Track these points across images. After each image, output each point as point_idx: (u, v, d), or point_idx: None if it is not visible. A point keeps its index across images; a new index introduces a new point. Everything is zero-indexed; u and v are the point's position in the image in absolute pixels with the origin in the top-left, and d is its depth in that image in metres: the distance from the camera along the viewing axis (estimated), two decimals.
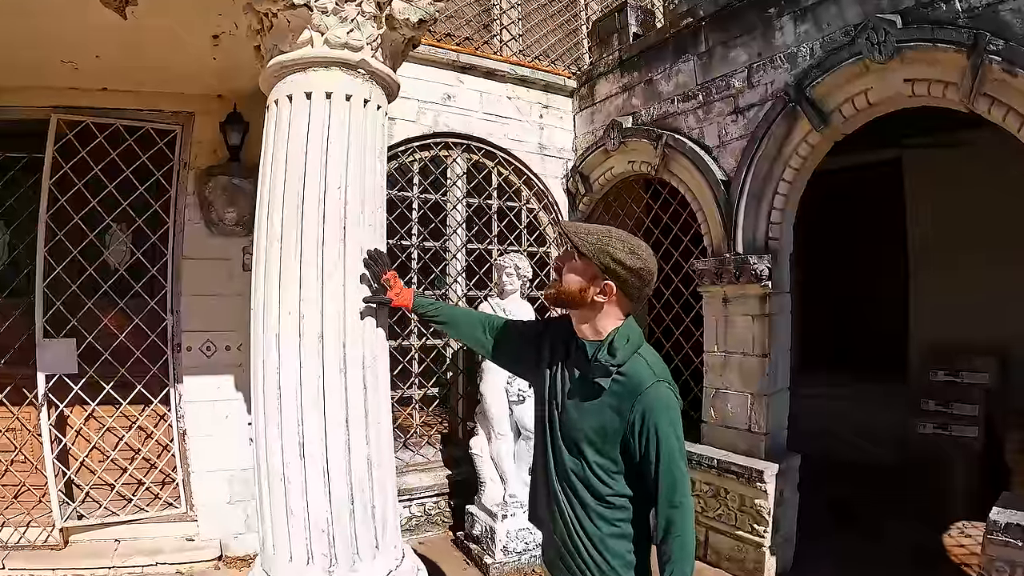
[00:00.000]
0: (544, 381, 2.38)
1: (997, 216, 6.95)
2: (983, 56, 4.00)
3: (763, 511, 5.15)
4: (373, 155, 3.21)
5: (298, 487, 2.88)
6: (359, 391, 3.00)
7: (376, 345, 3.10)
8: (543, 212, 7.39)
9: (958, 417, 6.87)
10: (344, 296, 2.97)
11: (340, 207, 3.00)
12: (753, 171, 5.40)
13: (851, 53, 4.71)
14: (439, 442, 6.74)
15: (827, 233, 8.29)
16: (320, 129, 3.06)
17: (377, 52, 3.30)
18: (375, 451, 3.08)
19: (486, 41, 7.62)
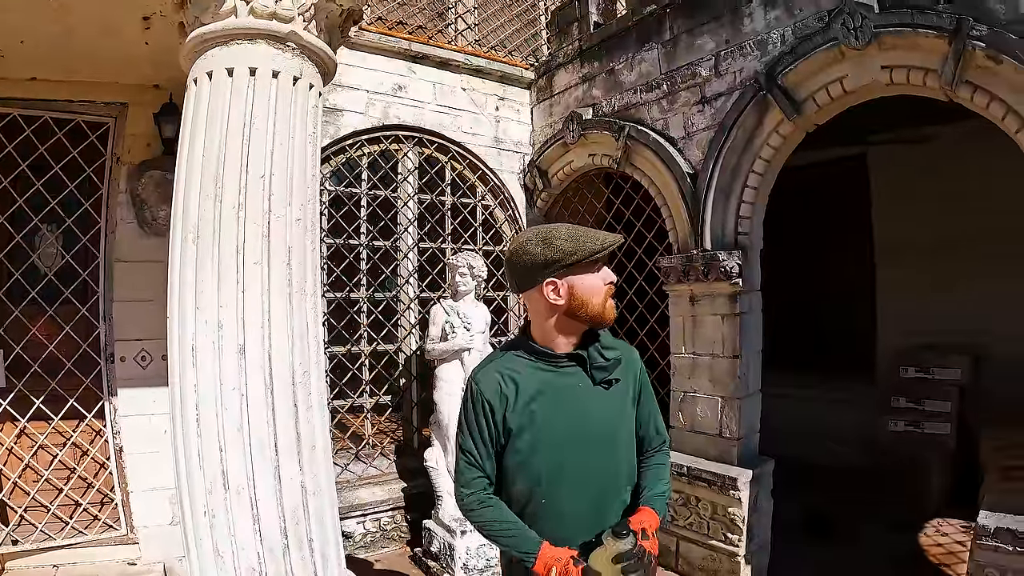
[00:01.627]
0: (549, 423, 2.15)
1: (963, 212, 6.85)
2: (966, 42, 3.80)
3: (737, 519, 4.94)
4: (304, 140, 2.87)
5: (224, 523, 2.56)
6: (288, 411, 2.67)
7: (308, 358, 2.75)
8: (499, 208, 7.08)
9: (930, 414, 6.78)
10: (268, 302, 2.63)
11: (263, 200, 2.66)
12: (721, 163, 5.16)
13: (826, 39, 4.49)
14: (393, 453, 6.40)
15: (793, 230, 8.13)
16: (242, 110, 2.73)
17: (310, 25, 2.96)
18: (310, 478, 2.75)
19: (440, 30, 7.28)
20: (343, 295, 5.88)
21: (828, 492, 6.72)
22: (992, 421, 6.12)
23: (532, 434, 2.13)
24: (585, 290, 2.11)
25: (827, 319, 8.45)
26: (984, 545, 3.70)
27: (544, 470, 2.13)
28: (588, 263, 2.11)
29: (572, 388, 2.17)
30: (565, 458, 2.13)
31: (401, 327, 6.33)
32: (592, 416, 2.16)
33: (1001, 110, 3.86)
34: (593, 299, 2.13)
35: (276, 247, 2.67)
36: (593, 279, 2.13)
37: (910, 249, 7.36)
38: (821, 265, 8.44)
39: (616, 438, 2.22)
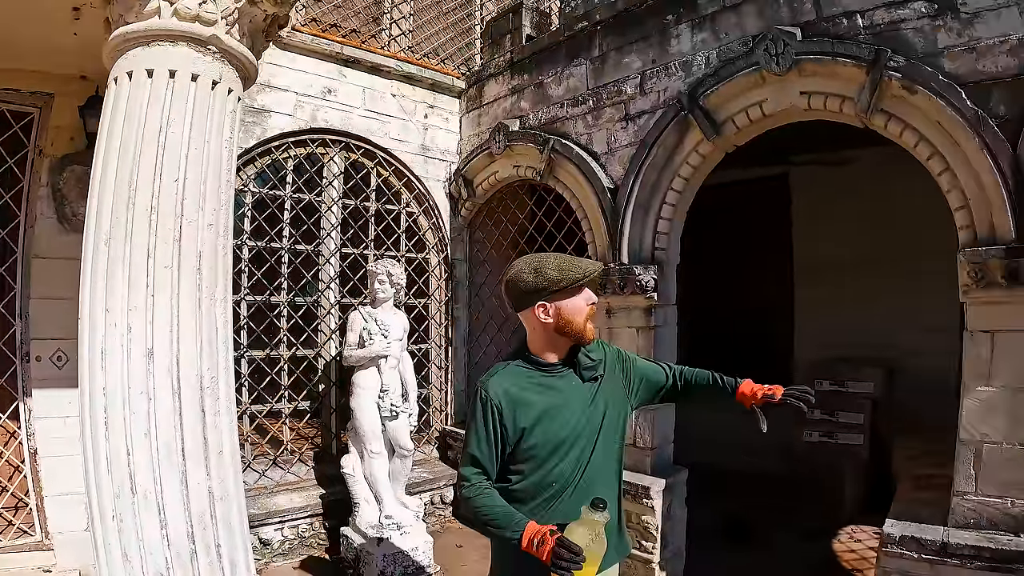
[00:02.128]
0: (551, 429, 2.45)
1: (879, 232, 7.15)
2: (883, 72, 3.99)
3: (651, 527, 5.03)
4: (219, 145, 2.85)
5: (132, 527, 2.51)
6: (196, 416, 2.64)
7: (216, 363, 2.73)
8: (423, 216, 7.08)
9: (844, 425, 6.99)
10: (178, 307, 2.60)
11: (176, 204, 2.63)
12: (641, 179, 5.26)
13: (748, 63, 4.64)
14: (312, 459, 6.30)
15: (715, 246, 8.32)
16: (159, 112, 2.70)
17: (233, 29, 2.94)
18: (217, 483, 2.72)
19: (374, 35, 7.24)
20: (263, 299, 5.80)
21: (745, 500, 6.87)
22: (904, 432, 6.37)
23: (539, 433, 2.42)
24: (569, 311, 2.44)
25: (747, 333, 8.63)
26: (890, 552, 3.83)
27: (552, 463, 2.43)
28: (573, 288, 2.43)
29: (568, 390, 2.50)
30: (570, 450, 2.44)
31: (321, 332, 6.27)
32: (588, 412, 2.48)
33: (914, 138, 4.04)
34: (576, 318, 2.45)
35: (187, 252, 2.64)
36: (577, 301, 2.45)
37: (827, 266, 7.62)
38: (742, 280, 8.64)
39: (613, 423, 2.54)
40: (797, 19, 4.50)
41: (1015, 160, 3.57)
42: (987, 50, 3.71)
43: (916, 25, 3.96)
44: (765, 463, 7.39)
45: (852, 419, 6.97)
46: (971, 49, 3.76)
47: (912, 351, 6.78)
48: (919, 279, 6.61)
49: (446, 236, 7.10)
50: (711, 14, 5.01)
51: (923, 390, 6.44)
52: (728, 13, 4.91)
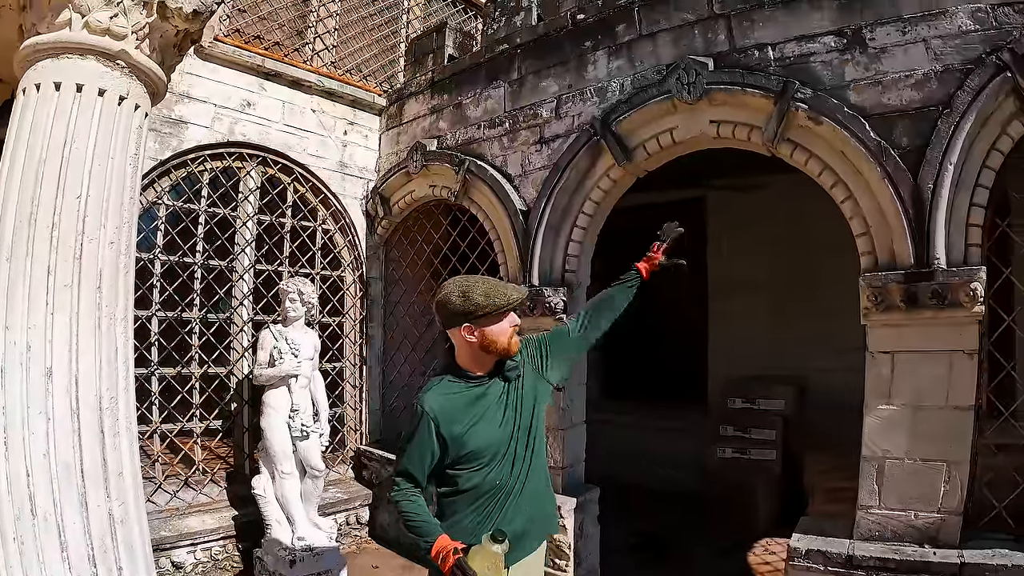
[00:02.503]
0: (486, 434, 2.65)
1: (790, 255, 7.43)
2: (790, 103, 4.16)
3: (563, 545, 5.06)
4: (123, 161, 2.82)
5: (32, 550, 2.46)
6: (95, 437, 2.60)
7: (116, 383, 2.69)
8: (339, 234, 7.02)
9: (756, 442, 7.17)
10: (78, 325, 2.56)
11: (78, 221, 2.60)
12: (553, 202, 5.35)
13: (661, 91, 4.77)
14: (225, 480, 6.13)
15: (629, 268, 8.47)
16: (64, 127, 2.67)
17: (143, 44, 2.92)
18: (118, 506, 2.68)
19: (297, 48, 7.14)
20: (175, 315, 5.66)
21: (659, 516, 6.99)
22: (815, 447, 6.57)
23: (473, 441, 2.60)
24: (493, 333, 2.63)
25: (663, 353, 8.82)
26: (798, 566, 3.93)
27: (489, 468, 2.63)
28: (499, 313, 2.62)
29: (497, 396, 2.70)
30: (506, 453, 2.65)
31: (234, 350, 6.13)
32: (521, 409, 2.72)
33: (818, 167, 4.22)
34: (500, 339, 2.65)
35: (88, 270, 2.61)
36: (501, 324, 2.65)
37: (741, 288, 7.87)
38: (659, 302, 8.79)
39: (540, 417, 2.80)
40: (711, 50, 4.66)
41: (916, 189, 3.77)
42: (892, 84, 3.91)
43: (825, 59, 4.14)
44: (679, 479, 7.56)
45: (764, 435, 7.14)
46: (877, 82, 3.96)
47: (822, 370, 7.00)
48: (828, 300, 6.79)
49: (362, 254, 7.05)
50: (628, 42, 5.13)
51: (832, 407, 6.59)
52: (645, 41, 5.04)
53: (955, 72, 3.75)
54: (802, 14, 4.27)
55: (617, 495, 5.56)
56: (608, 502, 5.52)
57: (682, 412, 8.14)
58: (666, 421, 8.06)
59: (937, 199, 3.72)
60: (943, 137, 3.71)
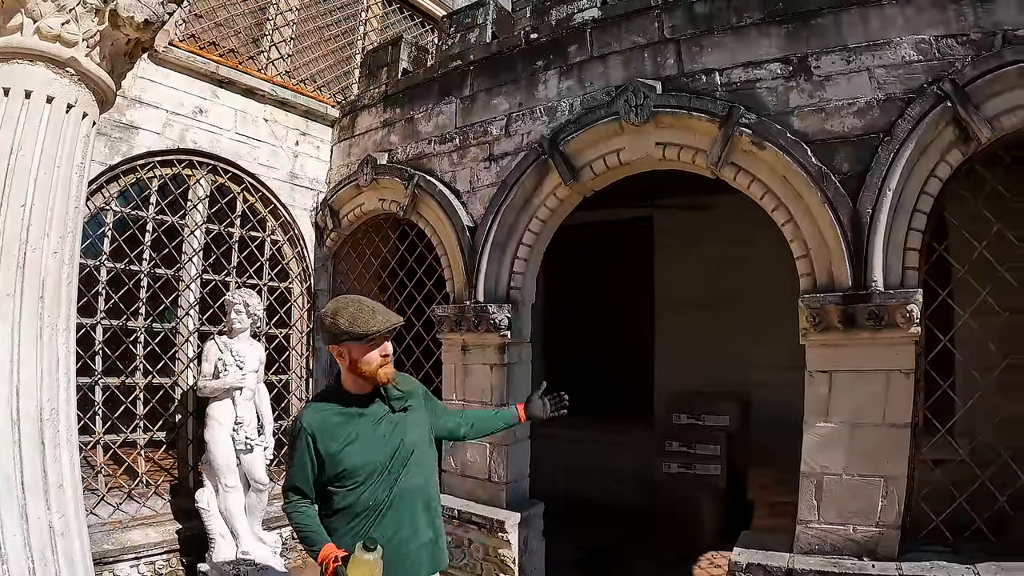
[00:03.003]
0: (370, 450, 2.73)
1: (735, 273, 7.61)
2: (735, 128, 4.29)
3: (507, 560, 5.12)
4: (69, 170, 2.79)
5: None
6: (35, 449, 2.55)
7: (57, 395, 2.65)
8: (288, 245, 6.98)
9: (701, 456, 7.31)
10: (19, 336, 2.52)
11: (22, 230, 2.56)
12: (500, 219, 5.41)
13: (608, 112, 4.88)
14: (169, 492, 6.01)
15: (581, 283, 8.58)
16: (11, 134, 2.63)
17: (94, 52, 2.89)
18: (58, 518, 2.62)
19: (252, 56, 7.07)
20: (120, 323, 5.56)
21: (605, 530, 7.07)
22: (759, 462, 6.73)
23: (348, 459, 2.68)
24: (360, 358, 2.70)
25: (610, 368, 8.95)
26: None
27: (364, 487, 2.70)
28: (366, 339, 2.66)
29: (375, 418, 2.77)
30: (382, 473, 2.70)
31: (179, 360, 6.03)
32: (396, 437, 2.77)
33: (760, 190, 4.37)
34: (365, 366, 2.70)
35: (30, 280, 2.57)
36: (370, 351, 2.70)
37: (687, 305, 8.04)
38: (606, 318, 8.92)
39: (422, 449, 2.86)
40: (660, 73, 4.78)
41: (855, 214, 3.91)
42: (835, 111, 4.07)
43: (771, 85, 4.28)
44: (624, 493, 7.66)
45: (709, 451, 7.28)
46: (821, 109, 4.11)
47: (764, 386, 7.19)
48: (771, 318, 6.87)
49: (310, 266, 7.01)
50: (579, 63, 5.23)
51: (775, 423, 6.70)
52: (596, 63, 5.15)
53: (897, 101, 3.90)
54: (750, 40, 4.42)
55: (563, 510, 5.63)
56: (554, 517, 5.58)
57: (628, 427, 8.26)
58: (613, 436, 8.17)
59: (876, 223, 3.86)
60: (883, 164, 3.86)
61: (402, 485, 2.75)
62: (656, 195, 7.72)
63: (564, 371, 8.48)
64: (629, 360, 8.83)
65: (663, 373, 8.47)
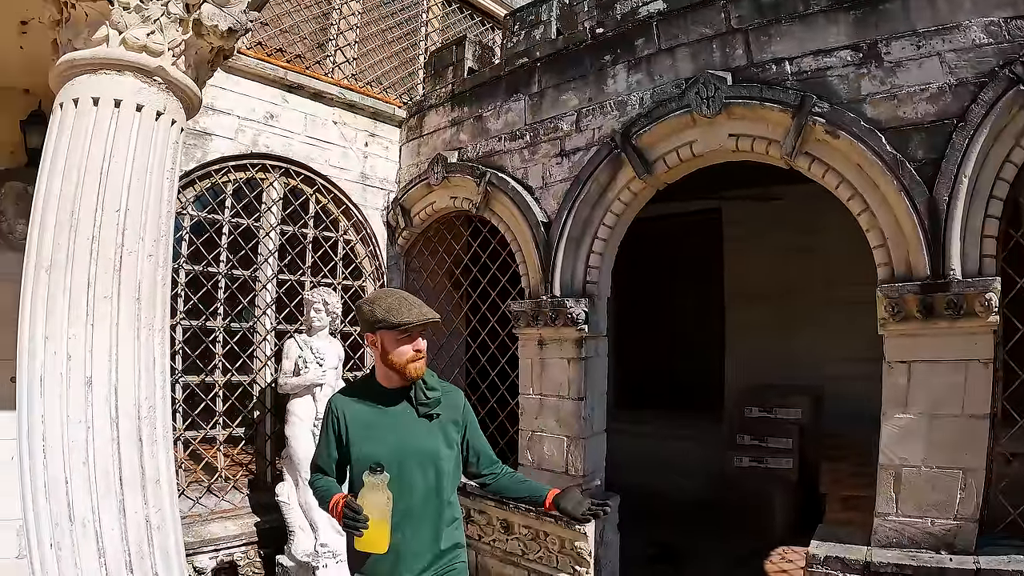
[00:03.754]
0: (381, 443, 2.67)
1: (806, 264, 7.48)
2: (808, 117, 4.20)
3: (583, 552, 5.11)
4: (161, 176, 2.88)
5: (70, 556, 2.50)
6: (133, 445, 2.64)
7: (154, 393, 2.74)
8: (360, 244, 7.07)
9: (773, 450, 7.22)
10: (117, 336, 2.61)
11: (117, 234, 2.66)
12: (574, 214, 5.40)
13: (680, 105, 4.82)
14: (247, 487, 6.20)
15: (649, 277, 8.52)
16: (103, 142, 2.72)
17: (179, 60, 2.98)
18: (154, 513, 2.72)
19: (318, 61, 7.23)
20: (199, 323, 5.73)
21: (676, 524, 7.02)
22: (831, 456, 6.57)
23: (364, 448, 2.67)
24: (392, 349, 2.67)
25: (680, 362, 8.85)
26: (816, 573, 3.99)
27: (357, 471, 2.64)
28: (401, 330, 2.63)
29: (398, 415, 2.73)
30: (392, 467, 2.56)
31: (257, 359, 6.20)
32: (414, 439, 2.69)
33: (835, 180, 4.27)
34: (397, 358, 2.67)
35: (127, 282, 2.66)
36: (403, 343, 2.67)
37: (757, 297, 7.90)
38: (676, 311, 8.84)
39: (437, 459, 2.71)
40: (728, 64, 4.71)
41: (931, 202, 3.80)
42: (908, 97, 3.95)
43: (841, 72, 4.18)
44: (694, 487, 7.60)
45: (781, 444, 7.18)
46: (892, 96, 4.00)
47: (837, 378, 7.05)
48: (843, 309, 6.88)
49: (383, 264, 7.09)
50: (647, 56, 5.18)
51: (848, 416, 6.66)
52: (663, 56, 5.09)
53: (969, 85, 3.78)
54: (818, 28, 4.33)
55: (633, 504, 5.58)
56: (625, 511, 5.55)
57: (698, 421, 8.19)
58: (682, 430, 8.10)
59: (952, 211, 3.76)
60: (958, 150, 3.75)
61: (415, 488, 2.67)
62: (724, 187, 7.61)
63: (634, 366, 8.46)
64: (699, 353, 8.73)
65: (734, 366, 8.36)
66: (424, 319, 2.67)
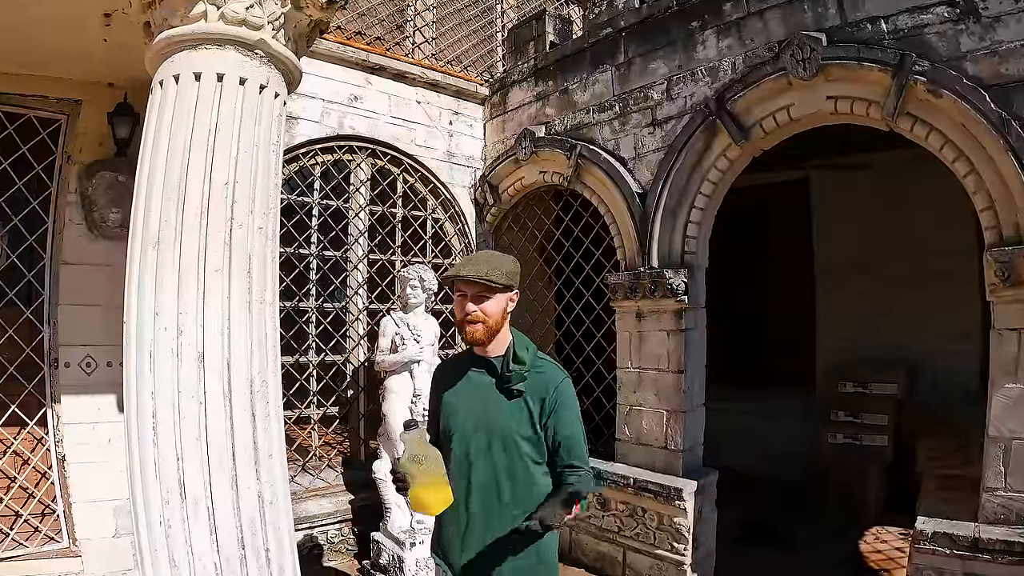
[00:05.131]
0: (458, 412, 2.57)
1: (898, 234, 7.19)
2: (909, 76, 4.00)
3: (682, 529, 5.01)
4: (267, 149, 2.85)
5: (180, 533, 2.49)
6: (247, 421, 2.63)
7: (266, 367, 2.73)
8: (449, 222, 7.09)
9: (868, 427, 6.97)
10: (229, 310, 2.60)
11: (226, 207, 2.63)
12: (670, 184, 5.28)
13: (775, 68, 4.67)
14: (340, 465, 6.30)
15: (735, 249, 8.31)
16: (208, 116, 2.70)
17: (279, 33, 2.94)
18: (267, 488, 2.71)
19: (398, 42, 7.27)
20: (292, 305, 5.81)
21: (770, 502, 6.89)
22: (927, 432, 6.32)
23: (447, 410, 2.60)
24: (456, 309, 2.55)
25: (769, 336, 8.67)
26: (922, 549, 3.83)
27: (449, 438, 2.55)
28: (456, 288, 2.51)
29: (480, 386, 2.56)
30: (460, 436, 2.52)
31: (349, 338, 6.28)
32: (488, 412, 2.51)
33: (939, 141, 4.06)
34: (456, 312, 2.54)
35: (237, 255, 2.64)
36: (457, 304, 2.52)
37: (848, 269, 7.68)
38: (764, 283, 8.63)
39: (507, 437, 2.47)
40: (821, 24, 4.55)
41: None
42: (1009, 53, 3.74)
43: (939, 29, 3.99)
44: (788, 465, 7.43)
45: (877, 420, 6.96)
46: (993, 52, 3.80)
47: (933, 351, 6.84)
48: (938, 280, 6.69)
49: (472, 242, 7.10)
50: (736, 20, 5.05)
51: (944, 390, 6.51)
52: (753, 19, 4.95)
53: None
54: None
55: (724, 480, 5.44)
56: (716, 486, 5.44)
57: (790, 396, 7.95)
58: (773, 405, 7.88)
59: None
60: None
61: (478, 468, 2.50)
62: (811, 156, 7.40)
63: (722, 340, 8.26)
64: (790, 327, 8.50)
65: (825, 340, 8.12)
66: (456, 273, 2.48)
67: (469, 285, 2.45)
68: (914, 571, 3.90)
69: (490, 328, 2.49)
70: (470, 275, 2.41)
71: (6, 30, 3.85)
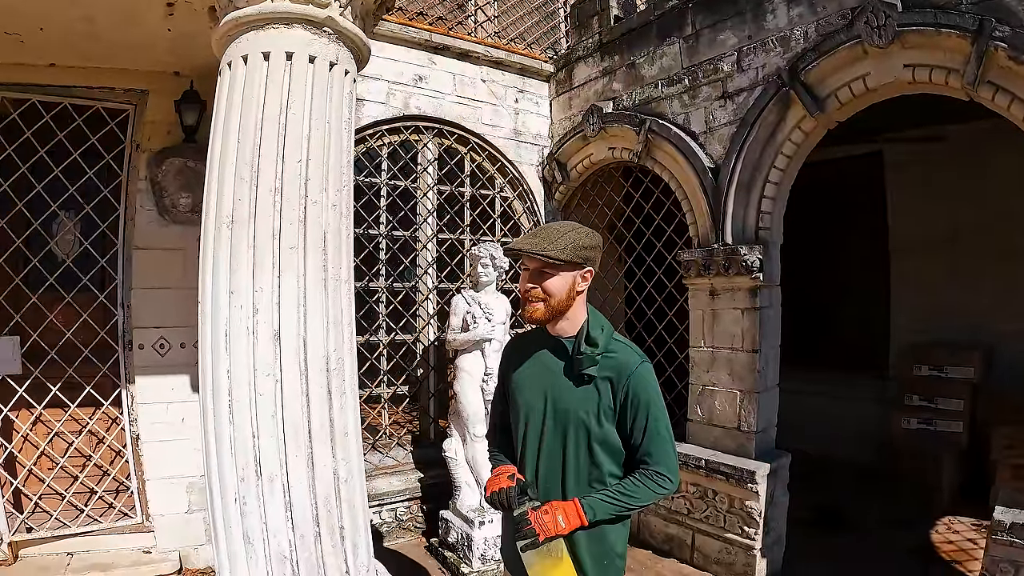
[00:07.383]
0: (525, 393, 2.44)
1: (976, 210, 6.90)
2: (989, 42, 3.79)
3: (754, 512, 4.93)
4: (339, 125, 2.84)
5: (255, 510, 2.52)
6: (323, 398, 2.64)
7: (342, 344, 2.73)
8: (517, 201, 7.06)
9: (943, 412, 6.76)
10: (305, 288, 2.60)
11: (300, 185, 2.63)
12: (743, 158, 5.14)
13: (849, 36, 4.48)
14: (410, 443, 6.38)
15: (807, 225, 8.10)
16: (278, 94, 2.70)
17: (346, 10, 2.92)
18: (343, 465, 2.73)
19: (460, 22, 7.26)
20: (362, 285, 5.86)
21: (840, 487, 6.74)
22: (1003, 419, 6.11)
23: (515, 391, 2.46)
24: None
25: (842, 315, 8.43)
26: (1000, 541, 3.72)
27: (516, 421, 2.45)
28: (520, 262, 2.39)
29: (549, 366, 2.39)
30: (527, 419, 2.39)
31: (419, 317, 6.31)
32: (554, 394, 2.34)
33: (1021, 111, 3.86)
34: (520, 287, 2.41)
35: (312, 233, 2.64)
36: (521, 279, 2.38)
37: (923, 247, 7.42)
38: (835, 261, 8.40)
39: (573, 422, 2.31)
40: None
41: None
42: None
43: None
44: (860, 450, 7.30)
45: (952, 405, 6.75)
46: None
47: (1011, 335, 6.61)
48: (1019, 258, 6.42)
49: (541, 220, 7.07)
50: None
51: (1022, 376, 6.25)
52: None
53: None
54: None
55: (796, 463, 5.33)
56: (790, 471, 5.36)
57: (862, 378, 7.76)
58: (846, 388, 7.70)
59: None
60: None
61: (547, 447, 2.37)
62: (884, 128, 7.17)
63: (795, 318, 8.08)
64: (863, 307, 8.22)
65: (900, 320, 7.83)
66: (511, 247, 2.36)
67: (531, 259, 2.30)
68: (990, 563, 3.78)
69: (552, 308, 2.31)
70: (524, 248, 2.27)
71: (68, 23, 3.92)
